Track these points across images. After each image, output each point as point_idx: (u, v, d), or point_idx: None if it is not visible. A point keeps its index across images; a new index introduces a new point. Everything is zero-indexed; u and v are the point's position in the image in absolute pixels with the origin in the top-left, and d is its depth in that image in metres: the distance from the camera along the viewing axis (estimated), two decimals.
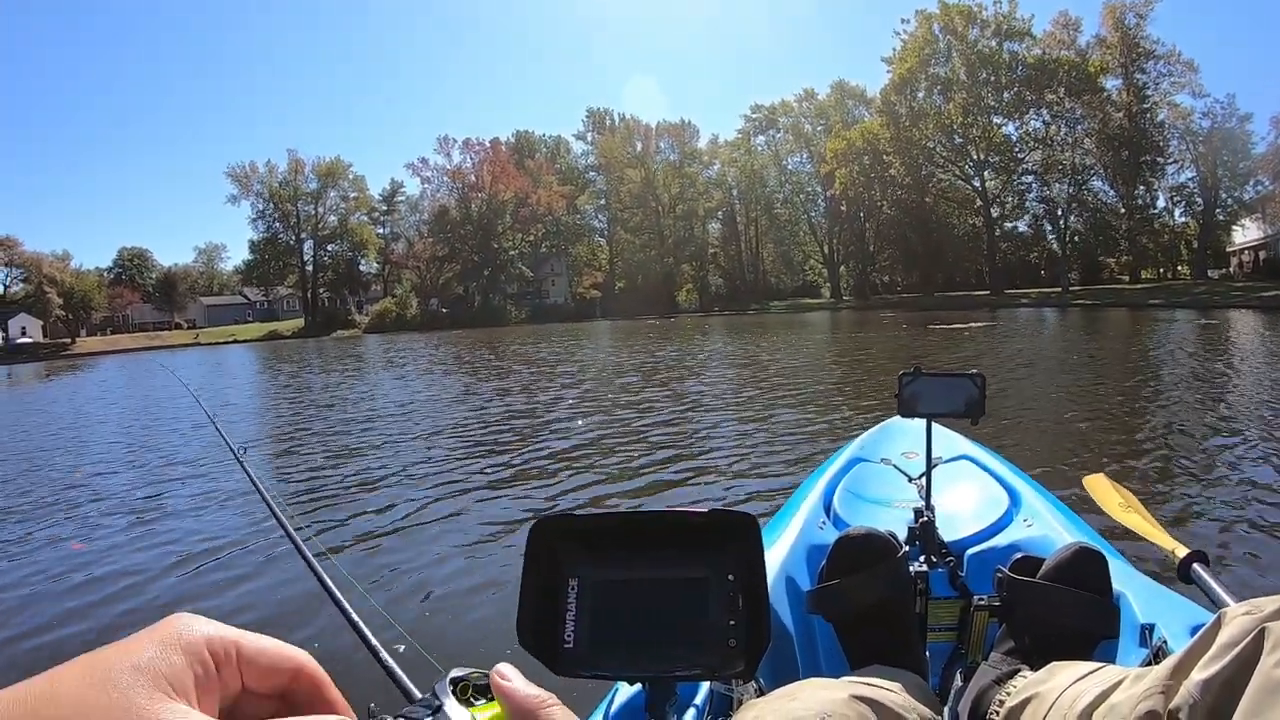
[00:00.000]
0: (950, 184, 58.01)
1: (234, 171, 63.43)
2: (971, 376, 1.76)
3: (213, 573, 4.07)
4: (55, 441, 10.12)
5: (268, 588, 3.75)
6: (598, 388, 12.48)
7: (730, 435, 7.38)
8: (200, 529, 4.98)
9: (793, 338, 23.05)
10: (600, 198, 70.00)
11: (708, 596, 0.76)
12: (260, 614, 3.43)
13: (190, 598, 3.73)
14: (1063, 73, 51.50)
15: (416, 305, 62.86)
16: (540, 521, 0.79)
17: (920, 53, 55.85)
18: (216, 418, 3.61)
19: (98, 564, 4.38)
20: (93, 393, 19.11)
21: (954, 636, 1.55)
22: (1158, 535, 1.80)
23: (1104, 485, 2.20)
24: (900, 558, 1.40)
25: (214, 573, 4.07)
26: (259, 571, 4.00)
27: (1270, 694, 0.58)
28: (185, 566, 4.20)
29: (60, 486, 6.85)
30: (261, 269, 66.46)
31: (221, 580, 3.95)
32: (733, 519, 0.78)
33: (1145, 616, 1.34)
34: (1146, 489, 4.55)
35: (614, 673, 0.81)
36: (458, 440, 8.09)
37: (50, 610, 3.67)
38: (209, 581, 3.95)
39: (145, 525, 5.24)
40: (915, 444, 2.26)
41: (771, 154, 64.56)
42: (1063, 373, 11.50)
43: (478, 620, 3.26)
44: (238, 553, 4.37)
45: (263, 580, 3.87)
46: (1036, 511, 1.84)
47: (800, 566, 1.67)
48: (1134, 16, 51.48)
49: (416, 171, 66.73)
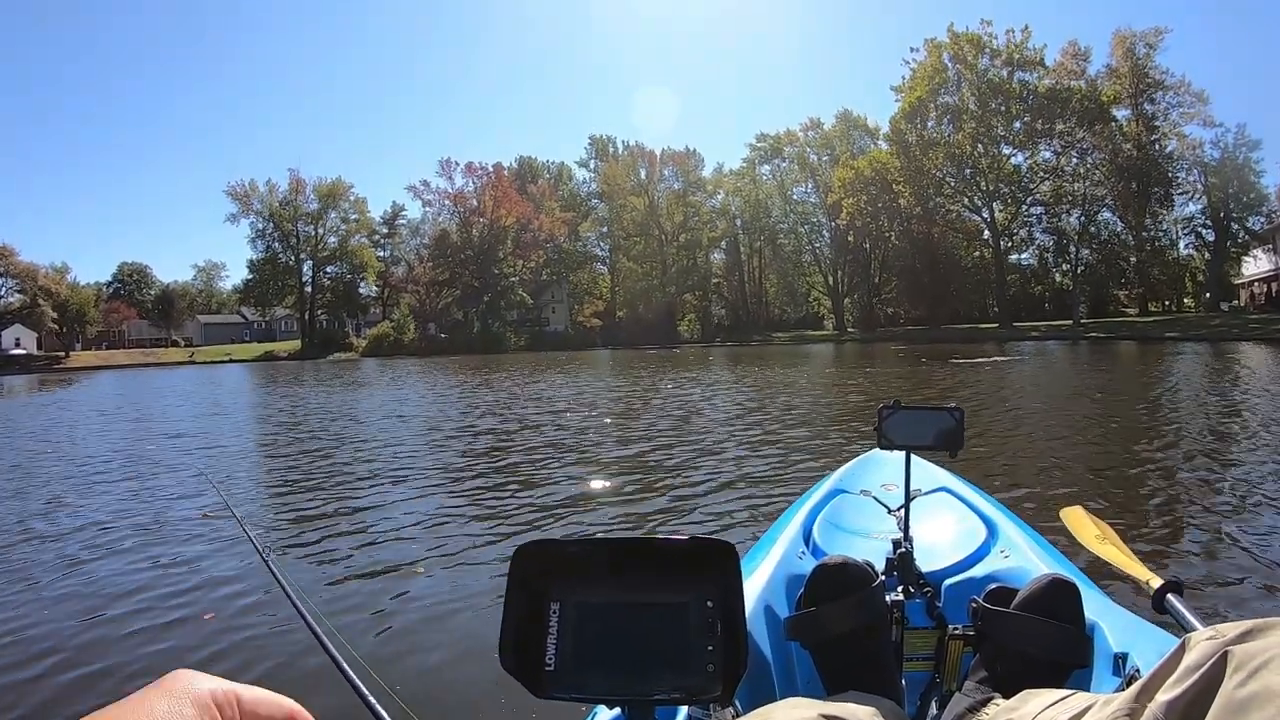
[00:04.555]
0: (958, 215, 57.20)
1: (234, 190, 63.05)
2: (950, 410, 1.77)
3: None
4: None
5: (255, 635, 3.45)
6: (592, 415, 12.29)
7: (716, 464, 7.32)
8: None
9: (808, 372, 22.28)
10: (603, 225, 69.44)
11: (687, 621, 0.78)
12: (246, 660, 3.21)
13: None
14: (1075, 102, 50.80)
15: (415, 329, 62.04)
16: (523, 547, 0.81)
17: (930, 81, 55.42)
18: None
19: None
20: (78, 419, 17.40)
21: (931, 666, 1.56)
22: (1133, 566, 1.83)
23: (1081, 517, 2.23)
24: (876, 586, 1.41)
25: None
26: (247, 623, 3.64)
27: (1232, 714, 0.61)
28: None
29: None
30: (260, 288, 65.90)
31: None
32: (712, 547, 0.80)
33: (1119, 646, 1.37)
34: (1126, 521, 4.51)
35: (594, 695, 0.83)
36: (440, 467, 7.96)
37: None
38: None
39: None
40: (894, 476, 2.28)
41: (776, 183, 64.09)
42: (1068, 405, 11.40)
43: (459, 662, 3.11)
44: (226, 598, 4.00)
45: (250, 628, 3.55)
46: (1013, 543, 1.86)
47: (779, 595, 1.68)
48: (1144, 46, 51.21)
49: (418, 194, 66.28)
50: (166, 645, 3.42)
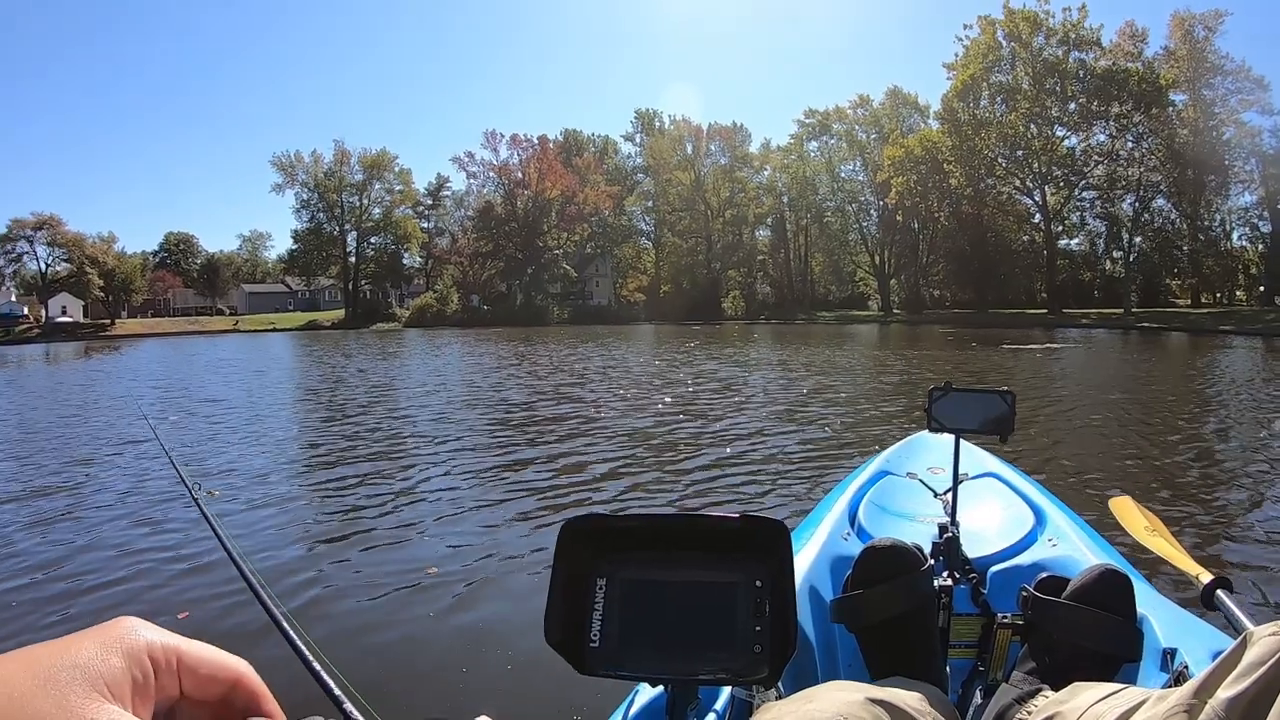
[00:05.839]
0: (1009, 197, 56.60)
1: (279, 160, 62.85)
2: (1002, 393, 1.74)
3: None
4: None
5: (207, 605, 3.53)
6: (636, 390, 12.43)
7: (759, 442, 7.34)
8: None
9: (853, 352, 22.30)
10: (648, 199, 69.06)
11: (735, 601, 0.77)
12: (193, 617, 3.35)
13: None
14: (1132, 84, 49.97)
15: (458, 301, 62.35)
16: (570, 521, 0.79)
17: (983, 59, 54.38)
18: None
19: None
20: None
21: (974, 653, 1.53)
22: (1182, 560, 1.78)
23: (1130, 507, 2.18)
24: (924, 571, 1.39)
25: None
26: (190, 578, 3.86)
27: None
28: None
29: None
30: (304, 258, 66.00)
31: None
32: (764, 526, 0.78)
33: (1168, 641, 1.34)
34: (1175, 513, 4.50)
35: (639, 673, 0.81)
36: (480, 437, 8.18)
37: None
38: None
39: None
40: (941, 459, 2.24)
41: (824, 160, 63.19)
42: (1120, 394, 11.21)
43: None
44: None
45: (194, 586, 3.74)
46: (1061, 531, 1.82)
47: (824, 576, 1.67)
48: (1203, 29, 50.07)
49: (462, 166, 66.00)
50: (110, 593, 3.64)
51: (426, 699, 2.65)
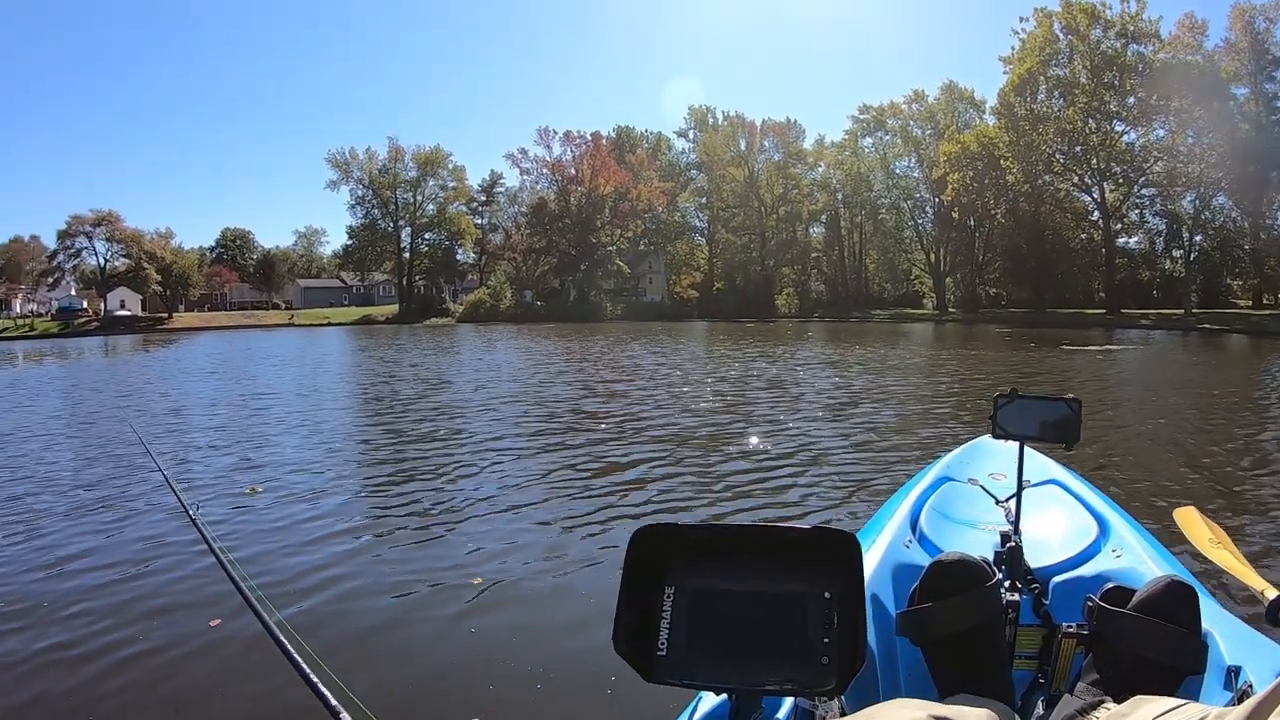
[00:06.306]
0: (1066, 194, 56.21)
1: (334, 157, 63.70)
2: (1068, 401, 1.73)
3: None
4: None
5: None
6: (689, 387, 12.53)
7: (816, 443, 7.36)
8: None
9: (909, 352, 22.08)
10: (701, 196, 69.07)
11: (805, 612, 0.76)
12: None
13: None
14: (1193, 77, 49.46)
15: (511, 296, 63.03)
16: (641, 529, 0.79)
17: (1040, 52, 53.67)
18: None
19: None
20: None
21: (1035, 665, 1.52)
22: (1248, 575, 1.73)
23: (1195, 519, 2.13)
24: (993, 585, 1.38)
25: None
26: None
27: None
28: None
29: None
30: (359, 254, 67.08)
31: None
32: (835, 537, 0.78)
33: (1232, 658, 1.31)
34: (1240, 526, 4.40)
35: (705, 682, 0.81)
36: (524, 440, 8.05)
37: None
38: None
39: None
40: (1003, 465, 2.23)
41: (878, 156, 62.79)
42: (1182, 399, 11.04)
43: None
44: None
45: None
46: (1126, 542, 1.79)
47: (885, 585, 1.66)
48: (1264, 21, 49.35)
49: (516, 162, 66.33)
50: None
51: (446, 709, 2.64)
